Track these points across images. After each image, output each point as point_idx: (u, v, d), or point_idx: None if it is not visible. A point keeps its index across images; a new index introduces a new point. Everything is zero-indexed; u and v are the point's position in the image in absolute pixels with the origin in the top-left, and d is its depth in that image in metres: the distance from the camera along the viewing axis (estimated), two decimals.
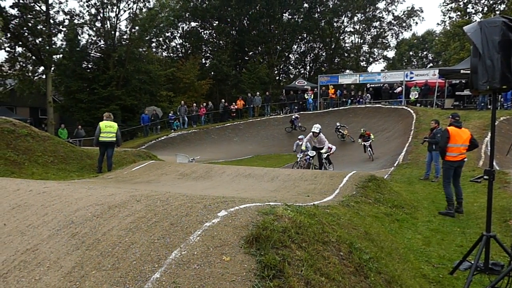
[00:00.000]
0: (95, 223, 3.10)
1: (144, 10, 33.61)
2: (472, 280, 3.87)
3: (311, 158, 12.44)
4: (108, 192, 3.99)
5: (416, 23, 73.78)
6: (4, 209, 3.70)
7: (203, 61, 44.27)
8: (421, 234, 6.05)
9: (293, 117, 25.61)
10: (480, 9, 33.11)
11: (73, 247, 2.80)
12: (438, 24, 56.85)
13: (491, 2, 32.45)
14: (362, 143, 18.01)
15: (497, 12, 31.44)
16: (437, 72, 22.99)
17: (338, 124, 22.73)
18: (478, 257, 3.90)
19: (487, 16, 30.12)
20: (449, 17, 36.24)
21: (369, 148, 17.61)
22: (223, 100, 29.85)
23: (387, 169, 12.77)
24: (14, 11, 27.55)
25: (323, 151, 12.06)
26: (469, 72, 4.01)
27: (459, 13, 33.97)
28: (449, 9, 35.03)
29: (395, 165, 13.19)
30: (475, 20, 6.28)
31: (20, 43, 28.21)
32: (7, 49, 27.99)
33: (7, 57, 28.42)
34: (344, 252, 3.34)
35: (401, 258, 4.58)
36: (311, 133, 12.31)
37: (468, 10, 33.48)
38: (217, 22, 44.90)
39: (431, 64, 53.61)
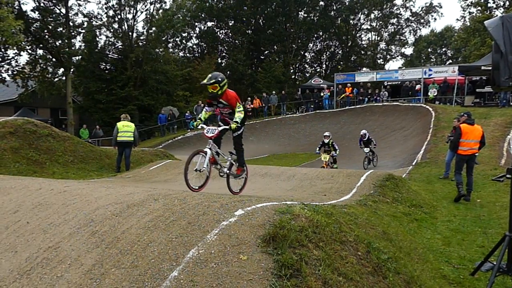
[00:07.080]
0: (114, 222, 3.14)
1: (160, 11, 33.94)
2: (494, 281, 3.78)
3: None
4: (126, 191, 4.04)
5: (435, 19, 71.92)
6: (27, 208, 3.79)
7: (219, 61, 44.31)
8: (440, 234, 5.95)
9: (362, 132, 16.09)
10: (502, 3, 32.15)
11: (93, 245, 2.85)
12: (457, 19, 55.54)
13: None
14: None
15: None
16: (457, 69, 22.45)
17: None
18: (501, 258, 3.80)
19: (509, 10, 29.24)
20: (469, 12, 35.34)
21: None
22: (249, 98, 29.69)
23: (405, 168, 12.56)
24: (35, 15, 28.34)
25: None
26: (490, 68, 3.90)
27: (479, 8, 33.05)
28: (469, 4, 34.15)
29: (413, 163, 12.96)
30: (496, 15, 6.13)
31: (41, 45, 28.89)
32: (29, 51, 28.74)
33: (28, 59, 29.16)
34: (362, 252, 3.31)
35: (420, 258, 4.51)
36: None
37: (489, 5, 32.58)
38: (232, 22, 44.90)
39: (450, 61, 52.42)
